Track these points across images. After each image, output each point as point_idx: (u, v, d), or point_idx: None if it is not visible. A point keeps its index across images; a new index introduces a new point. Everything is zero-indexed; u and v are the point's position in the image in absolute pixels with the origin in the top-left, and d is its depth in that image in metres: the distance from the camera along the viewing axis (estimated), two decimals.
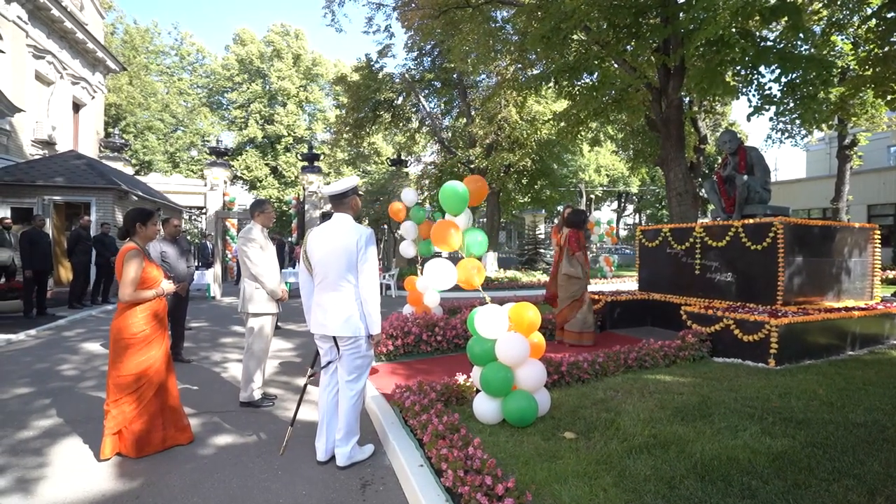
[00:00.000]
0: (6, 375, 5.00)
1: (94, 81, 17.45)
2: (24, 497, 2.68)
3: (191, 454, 3.22)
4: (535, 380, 3.06)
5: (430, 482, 2.53)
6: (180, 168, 30.12)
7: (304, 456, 3.15)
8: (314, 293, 2.93)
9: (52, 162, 11.82)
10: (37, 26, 13.57)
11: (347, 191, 2.87)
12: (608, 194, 39.89)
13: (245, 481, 2.84)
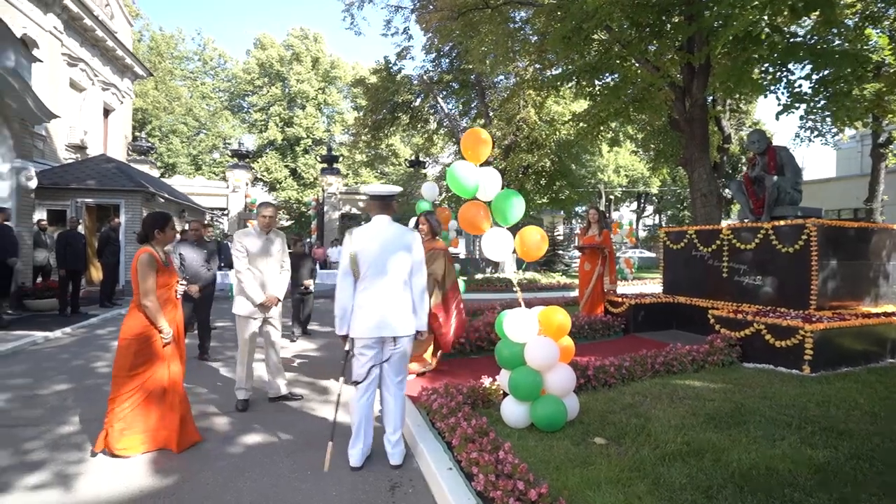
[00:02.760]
0: (45, 372, 5.17)
1: (123, 87, 17.92)
2: (66, 491, 2.76)
3: (221, 452, 3.28)
4: (564, 384, 3.03)
5: (461, 485, 2.52)
6: (203, 170, 30.74)
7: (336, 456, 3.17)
8: (358, 295, 2.84)
9: (84, 165, 12.19)
10: (71, 35, 14.00)
11: (395, 194, 2.99)
12: (627, 195, 39.36)
13: (275, 481, 2.88)
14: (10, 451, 3.25)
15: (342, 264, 2.91)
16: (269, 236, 4.11)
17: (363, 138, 17.62)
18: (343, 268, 2.89)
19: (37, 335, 6.70)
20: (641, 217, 42.42)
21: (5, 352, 5.85)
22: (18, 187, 8.48)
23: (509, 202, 3.31)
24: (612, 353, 4.76)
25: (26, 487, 2.80)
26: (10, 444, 3.36)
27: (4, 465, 3.05)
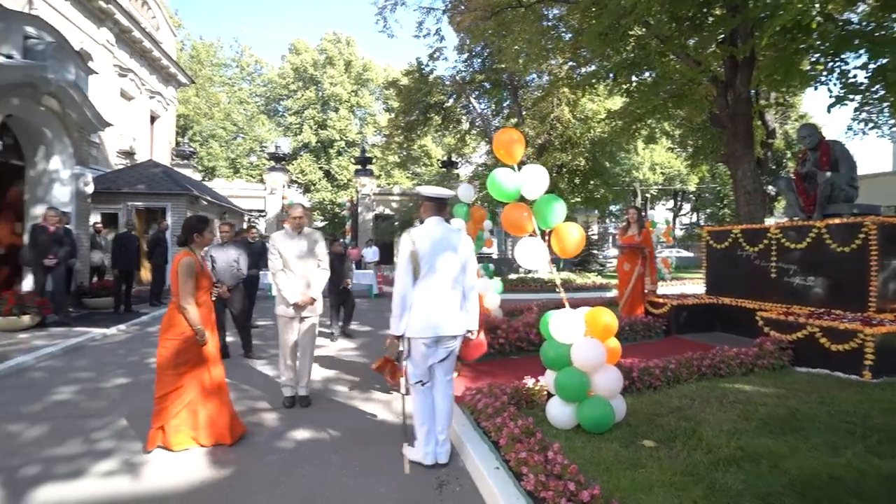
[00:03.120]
0: (106, 366, 5.47)
1: (168, 95, 18.73)
2: (133, 479, 2.93)
3: (271, 447, 3.40)
4: (612, 386, 3.01)
5: (509, 485, 2.54)
6: (241, 173, 31.75)
7: (380, 454, 3.24)
8: (417, 294, 2.87)
9: (134, 171, 12.82)
10: (121, 48, 14.74)
11: (451, 197, 3.09)
12: (663, 193, 38.30)
13: (325, 476, 2.96)
14: (81, 440, 3.46)
15: (402, 265, 2.91)
16: (302, 236, 4.12)
17: (396, 139, 17.81)
18: (403, 268, 2.90)
19: (95, 332, 7.09)
20: (678, 216, 41.21)
21: (69, 347, 6.23)
22: (77, 192, 8.99)
23: (551, 206, 3.32)
24: (654, 354, 4.67)
25: (98, 474, 2.98)
26: (81, 433, 3.58)
27: (77, 453, 3.26)
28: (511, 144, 3.41)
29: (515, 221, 3.33)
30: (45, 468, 3.05)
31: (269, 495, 2.73)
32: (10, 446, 3.36)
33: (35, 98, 7.83)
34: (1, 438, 3.48)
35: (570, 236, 3.20)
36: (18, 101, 7.50)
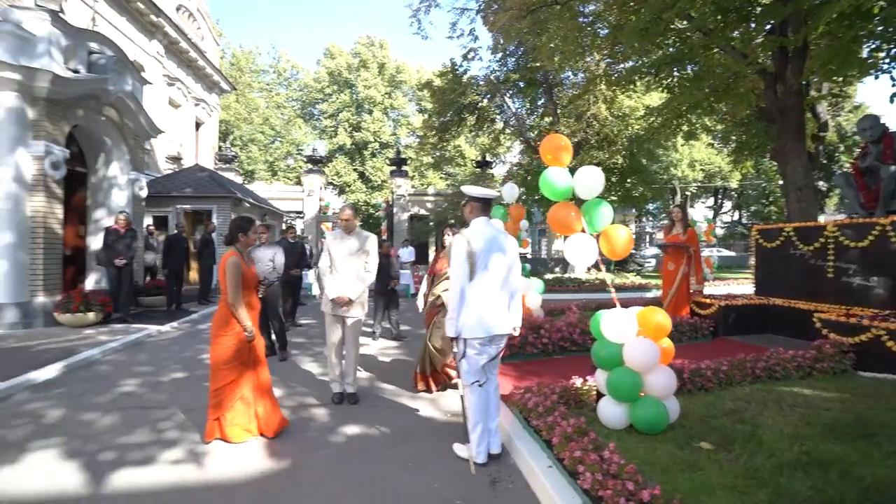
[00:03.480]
0: (163, 361, 5.77)
1: (212, 102, 19.51)
2: (198, 468, 3.09)
3: (324, 441, 3.51)
4: (665, 386, 2.96)
5: (564, 484, 2.54)
6: (278, 176, 32.69)
7: (429, 451, 3.30)
8: (471, 294, 2.89)
9: (181, 175, 13.42)
10: (170, 58, 15.47)
11: (494, 198, 3.14)
12: (703, 190, 37.01)
13: (378, 470, 3.04)
14: (148, 430, 3.68)
15: (458, 266, 2.89)
16: (352, 237, 4.20)
17: (430, 140, 17.93)
18: (460, 269, 2.89)
19: (151, 328, 7.48)
20: (719, 214, 39.75)
21: (129, 342, 6.60)
22: (133, 197, 9.49)
23: (598, 210, 3.31)
24: (702, 356, 4.56)
25: (166, 462, 3.16)
26: (147, 423, 3.80)
27: (146, 442, 3.47)
28: (559, 150, 3.42)
29: (563, 220, 3.32)
30: (119, 455, 3.25)
31: (326, 487, 2.83)
32: (86, 433, 3.60)
33: (97, 109, 8.33)
34: (78, 426, 3.74)
35: (619, 238, 3.17)
36: (83, 113, 7.99)
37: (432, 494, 2.73)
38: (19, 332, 6.83)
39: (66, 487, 2.82)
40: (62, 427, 3.71)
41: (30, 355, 5.70)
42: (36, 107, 7.10)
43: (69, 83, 7.35)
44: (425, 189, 22.73)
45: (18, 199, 6.98)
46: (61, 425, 3.76)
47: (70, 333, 6.91)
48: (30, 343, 6.29)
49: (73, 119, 7.85)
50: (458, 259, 2.89)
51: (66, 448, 3.33)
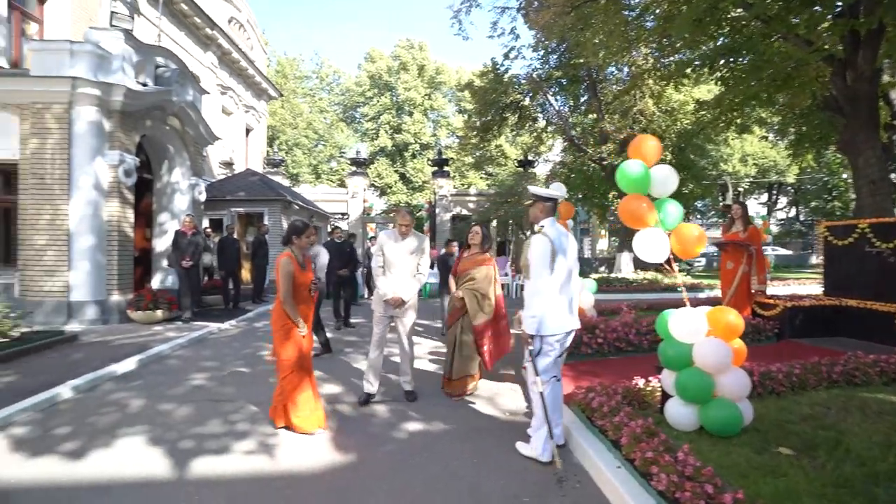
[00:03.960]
0: (226, 357, 6.07)
1: (260, 109, 20.32)
2: (270, 458, 3.24)
3: (386, 437, 3.59)
4: (739, 388, 2.86)
5: (635, 484, 2.51)
6: (321, 178, 33.61)
7: (494, 448, 3.32)
8: (550, 290, 2.95)
9: (235, 179, 14.06)
10: (222, 68, 16.24)
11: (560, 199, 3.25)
12: (756, 186, 35.20)
13: (443, 466, 3.09)
14: (220, 421, 3.88)
15: (543, 265, 2.94)
16: (407, 240, 4.25)
17: (471, 141, 17.94)
18: (545, 268, 2.94)
19: (212, 326, 7.87)
20: (773, 210, 37.71)
21: (194, 339, 6.97)
22: (193, 201, 10.02)
23: (667, 208, 3.24)
24: (767, 358, 4.35)
25: (240, 452, 3.33)
26: (219, 415, 4.01)
27: (220, 432, 3.66)
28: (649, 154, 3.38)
29: (634, 212, 3.23)
30: (196, 443, 3.46)
31: (393, 482, 2.89)
32: (165, 422, 3.85)
33: (162, 119, 8.86)
34: (157, 415, 4.00)
35: (691, 236, 3.08)
36: (150, 123, 8.52)
37: (499, 491, 2.75)
38: (99, 327, 7.35)
39: (154, 472, 3.03)
40: (144, 416, 3.98)
41: (109, 349, 6.14)
42: (111, 119, 7.63)
43: (140, 96, 7.86)
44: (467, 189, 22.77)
45: (97, 205, 7.52)
46: (143, 414, 4.03)
47: (141, 329, 7.39)
48: (108, 338, 6.76)
49: (142, 129, 8.38)
50: (542, 257, 2.95)
51: (149, 436, 3.57)
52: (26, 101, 7.27)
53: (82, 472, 3.02)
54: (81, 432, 3.64)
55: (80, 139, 7.39)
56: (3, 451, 3.33)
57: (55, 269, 7.37)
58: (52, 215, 7.35)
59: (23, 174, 7.38)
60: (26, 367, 5.27)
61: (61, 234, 7.37)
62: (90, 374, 4.93)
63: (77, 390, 4.59)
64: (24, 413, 3.99)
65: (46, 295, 7.35)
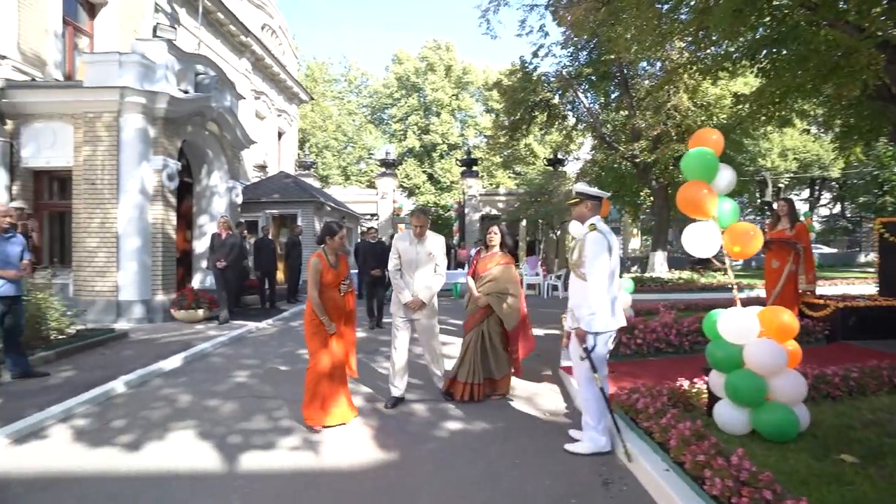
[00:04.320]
0: (266, 355, 6.23)
1: (292, 112, 20.78)
2: (315, 455, 3.30)
3: (427, 436, 3.60)
4: (795, 391, 2.75)
5: (686, 488, 2.45)
6: (351, 180, 34.11)
7: (535, 448, 3.30)
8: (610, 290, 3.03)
9: (269, 182, 14.42)
10: (256, 74, 16.68)
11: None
12: (796, 182, 33.75)
13: (487, 465, 3.08)
14: (265, 417, 3.99)
15: (604, 263, 2.98)
16: (422, 240, 4.15)
17: (500, 140, 17.86)
18: (606, 265, 3.00)
19: (251, 325, 8.09)
20: (816, 206, 36.08)
21: (234, 337, 7.19)
22: (231, 203, 10.33)
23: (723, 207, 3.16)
24: (818, 361, 4.15)
25: (286, 448, 3.41)
26: (263, 411, 4.12)
27: (265, 428, 3.76)
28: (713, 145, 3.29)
29: (693, 198, 3.11)
30: (244, 439, 3.56)
31: (437, 481, 2.89)
32: (213, 418, 3.98)
33: (202, 124, 9.17)
34: (205, 411, 4.15)
35: (745, 235, 2.98)
36: (191, 128, 8.84)
37: (544, 492, 2.73)
38: (145, 325, 7.67)
39: (206, 465, 3.14)
40: (192, 411, 4.13)
41: (156, 347, 6.40)
42: (156, 125, 7.95)
43: (182, 103, 8.16)
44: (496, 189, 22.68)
45: (143, 208, 7.85)
46: (191, 410, 4.18)
47: (184, 328, 7.67)
48: (154, 336, 7.05)
49: (184, 134, 8.70)
50: (600, 254, 2.97)
51: (199, 430, 3.70)
52: (80, 111, 7.66)
53: (140, 463, 3.15)
54: (136, 425, 3.80)
55: (127, 145, 7.73)
56: (67, 441, 3.51)
57: (105, 269, 7.73)
58: (103, 219, 7.71)
59: (76, 180, 7.78)
60: (83, 362, 5.55)
61: (111, 236, 7.73)
62: (140, 371, 5.15)
63: (129, 385, 4.80)
64: (83, 406, 4.20)
65: (98, 294, 7.72)
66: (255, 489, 2.82)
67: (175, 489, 2.84)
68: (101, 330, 6.77)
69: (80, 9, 9.67)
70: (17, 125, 7.81)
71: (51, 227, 8.60)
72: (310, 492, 2.80)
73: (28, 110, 7.73)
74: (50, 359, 5.46)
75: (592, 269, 2.98)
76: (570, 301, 3.29)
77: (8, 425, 3.63)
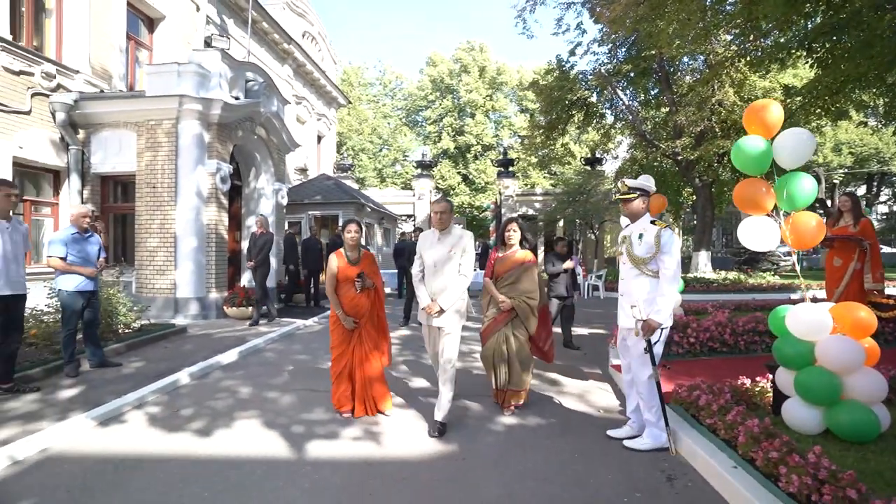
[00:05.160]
0: (315, 351, 6.44)
1: (330, 116, 21.28)
2: (377, 445, 3.40)
3: (485, 430, 3.65)
4: (874, 391, 2.65)
5: (756, 486, 2.40)
6: (386, 182, 34.63)
7: (593, 443, 3.32)
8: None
9: (311, 184, 14.83)
10: (297, 79, 17.19)
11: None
12: (852, 177, 31.94)
13: (545, 459, 3.10)
14: (323, 409, 4.13)
15: (678, 258, 3.08)
16: (445, 236, 3.60)
17: (536, 141, 17.75)
18: (678, 261, 3.09)
19: (298, 322, 8.37)
20: (875, 204, 34.04)
21: (284, 333, 7.46)
22: (277, 205, 10.70)
23: (797, 183, 2.96)
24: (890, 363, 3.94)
25: (348, 438, 3.53)
26: (321, 403, 4.26)
27: (325, 419, 3.90)
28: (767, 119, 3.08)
29: (751, 197, 3.07)
30: (306, 428, 3.70)
31: (499, 474, 2.92)
32: (274, 409, 4.15)
33: (251, 129, 9.55)
34: (266, 401, 4.33)
35: (808, 226, 2.89)
36: (241, 133, 9.23)
37: (608, 486, 2.74)
38: (200, 321, 8.06)
39: (274, 452, 3.29)
40: (254, 402, 4.32)
41: (212, 342, 6.71)
42: (210, 131, 8.35)
43: (234, 108, 8.54)
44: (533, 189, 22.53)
45: (198, 210, 8.25)
46: (253, 401, 4.37)
47: (236, 324, 8.00)
48: (210, 331, 7.40)
49: (235, 139, 9.09)
50: (678, 252, 3.11)
51: (263, 420, 3.87)
52: (142, 119, 8.14)
53: (212, 448, 3.34)
54: (203, 414, 4.02)
55: (184, 150, 8.15)
56: (143, 426, 3.76)
57: (164, 268, 8.17)
58: (162, 220, 8.15)
59: (139, 184, 8.26)
60: (149, 354, 5.90)
61: (169, 236, 8.16)
62: (201, 363, 5.42)
63: (192, 377, 5.07)
64: (154, 394, 4.47)
65: (157, 292, 8.17)
66: (322, 475, 2.94)
67: (250, 471, 2.99)
68: (163, 325, 7.17)
69: (141, 24, 10.25)
70: (87, 134, 8.37)
71: (114, 229, 9.16)
72: (374, 481, 2.88)
73: (97, 120, 8.27)
74: (120, 350, 5.83)
75: (672, 265, 3.02)
76: (628, 297, 3.22)
77: (92, 409, 3.92)
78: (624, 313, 3.27)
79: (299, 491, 2.75)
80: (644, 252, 3.12)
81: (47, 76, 7.82)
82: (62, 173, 8.34)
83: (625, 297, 3.26)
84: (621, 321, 3.32)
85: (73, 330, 4.96)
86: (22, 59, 7.43)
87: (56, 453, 3.26)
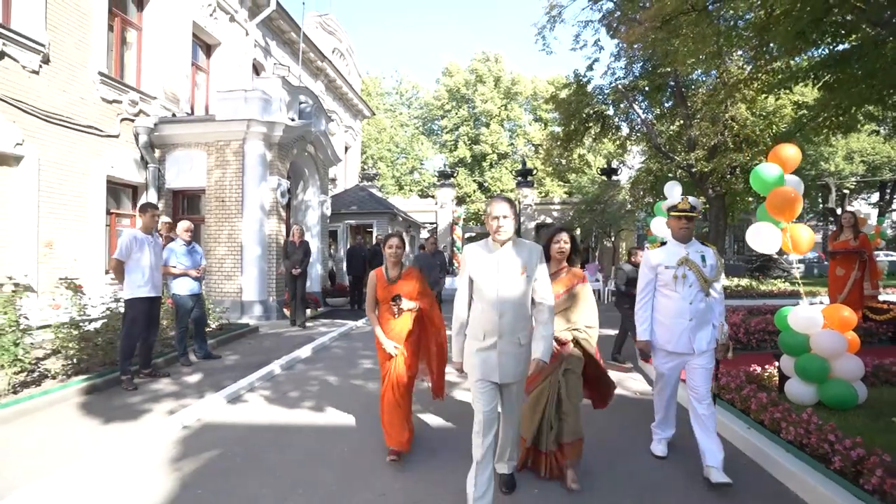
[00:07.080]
0: (358, 351, 7.15)
1: (356, 127, 22.35)
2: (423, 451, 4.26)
3: None
4: (853, 371, 3.50)
5: (765, 440, 3.24)
6: (404, 190, 35.66)
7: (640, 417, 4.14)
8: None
9: (346, 195, 15.83)
10: (328, 94, 18.25)
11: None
12: (864, 186, 32.31)
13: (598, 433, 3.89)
14: None
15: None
16: (506, 250, 2.55)
17: (554, 152, 18.60)
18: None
19: (350, 323, 9.28)
20: (887, 212, 34.31)
21: (342, 333, 8.38)
22: (322, 215, 11.67)
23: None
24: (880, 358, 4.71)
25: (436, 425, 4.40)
26: None
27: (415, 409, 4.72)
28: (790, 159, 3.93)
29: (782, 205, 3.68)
30: None
31: None
32: (361, 394, 4.96)
33: (303, 147, 10.55)
34: (352, 388, 5.19)
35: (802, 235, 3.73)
36: (296, 151, 10.22)
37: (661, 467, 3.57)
38: (263, 322, 9.00)
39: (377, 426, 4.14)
40: (344, 389, 5.16)
41: (284, 339, 7.63)
42: (272, 150, 9.35)
43: (292, 129, 9.54)
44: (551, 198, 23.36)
45: (261, 222, 9.23)
46: (342, 387, 5.23)
47: None
48: (278, 331, 8.34)
49: (291, 157, 10.09)
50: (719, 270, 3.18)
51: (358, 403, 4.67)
52: (212, 140, 9.16)
53: (328, 419, 4.21)
54: (307, 396, 4.89)
55: (250, 168, 9.14)
56: (262, 404, 4.61)
57: (232, 274, 9.15)
58: (230, 231, 9.14)
59: (208, 198, 9.26)
60: (239, 349, 6.84)
61: (236, 245, 9.14)
62: (286, 357, 6.32)
63: (282, 367, 5.96)
64: (259, 381, 5.37)
65: (225, 295, 9.14)
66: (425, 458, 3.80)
67: (365, 436, 3.83)
68: (239, 325, 8.13)
69: (200, 51, 11.32)
70: (163, 153, 9.41)
71: None
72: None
73: (172, 141, 9.31)
74: (213, 346, 6.77)
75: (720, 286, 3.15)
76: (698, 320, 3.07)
77: (221, 391, 4.83)
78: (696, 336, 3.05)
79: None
80: (711, 273, 3.06)
81: (132, 103, 8.87)
82: (140, 188, 9.37)
83: (694, 321, 3.04)
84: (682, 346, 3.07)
85: (186, 327, 5.91)
86: (115, 89, 8.49)
87: (209, 422, 4.15)
